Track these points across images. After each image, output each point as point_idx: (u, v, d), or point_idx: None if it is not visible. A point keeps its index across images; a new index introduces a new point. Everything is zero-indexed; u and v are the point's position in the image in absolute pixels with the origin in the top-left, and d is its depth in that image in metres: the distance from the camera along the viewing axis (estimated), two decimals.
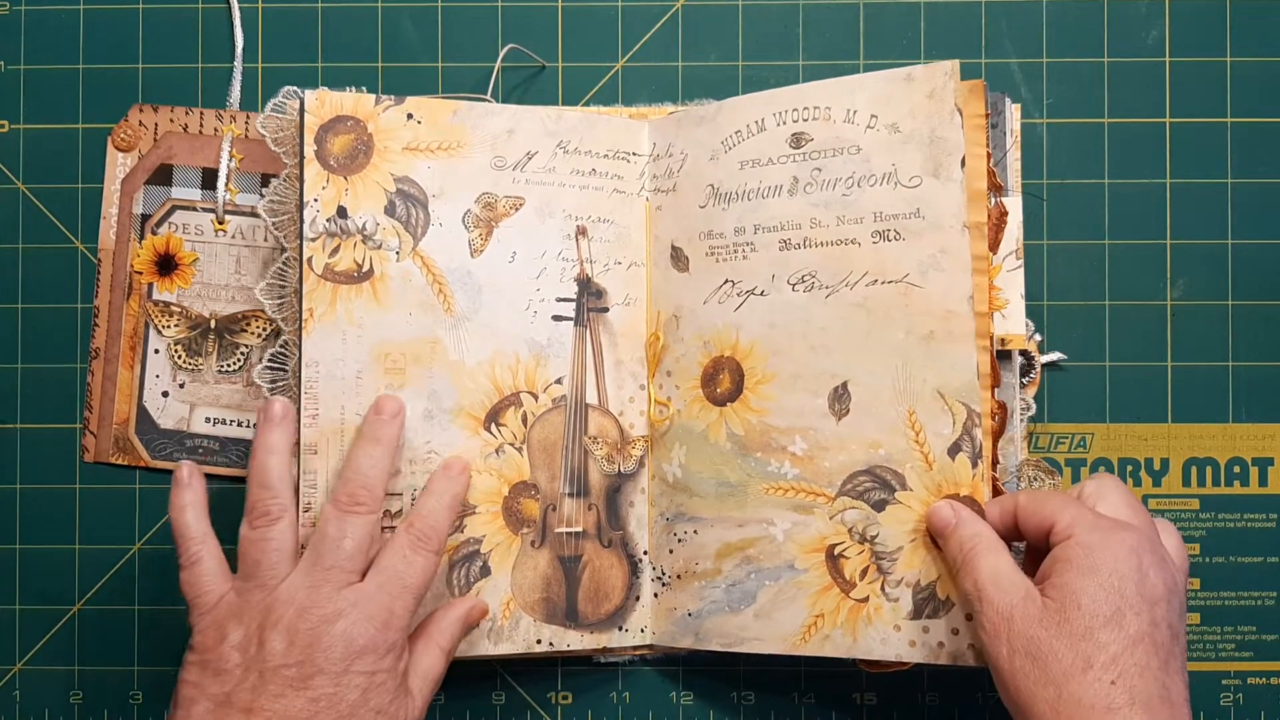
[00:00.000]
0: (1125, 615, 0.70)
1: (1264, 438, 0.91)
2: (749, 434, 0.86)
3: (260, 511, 0.79)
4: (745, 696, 0.92)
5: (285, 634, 0.74)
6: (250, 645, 0.74)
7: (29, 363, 0.92)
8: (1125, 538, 0.73)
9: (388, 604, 0.77)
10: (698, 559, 0.87)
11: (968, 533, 0.78)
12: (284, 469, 0.80)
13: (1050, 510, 0.76)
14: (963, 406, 0.81)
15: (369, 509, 0.79)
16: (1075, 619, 0.70)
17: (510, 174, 0.87)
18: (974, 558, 0.76)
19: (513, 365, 0.87)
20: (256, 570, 0.77)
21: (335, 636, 0.74)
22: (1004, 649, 0.72)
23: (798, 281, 0.84)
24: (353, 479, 0.80)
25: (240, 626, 0.75)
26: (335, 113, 0.85)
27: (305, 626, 0.74)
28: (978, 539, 0.77)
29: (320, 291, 0.83)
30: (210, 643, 0.76)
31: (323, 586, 0.76)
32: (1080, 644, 0.70)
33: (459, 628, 0.82)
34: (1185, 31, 0.92)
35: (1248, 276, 0.91)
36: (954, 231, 0.81)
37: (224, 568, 0.79)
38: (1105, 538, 0.73)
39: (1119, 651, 0.69)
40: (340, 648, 0.74)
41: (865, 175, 0.83)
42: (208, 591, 0.78)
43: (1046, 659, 0.70)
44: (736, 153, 0.86)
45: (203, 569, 0.78)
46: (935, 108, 0.81)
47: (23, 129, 0.93)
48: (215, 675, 0.74)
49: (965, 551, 0.77)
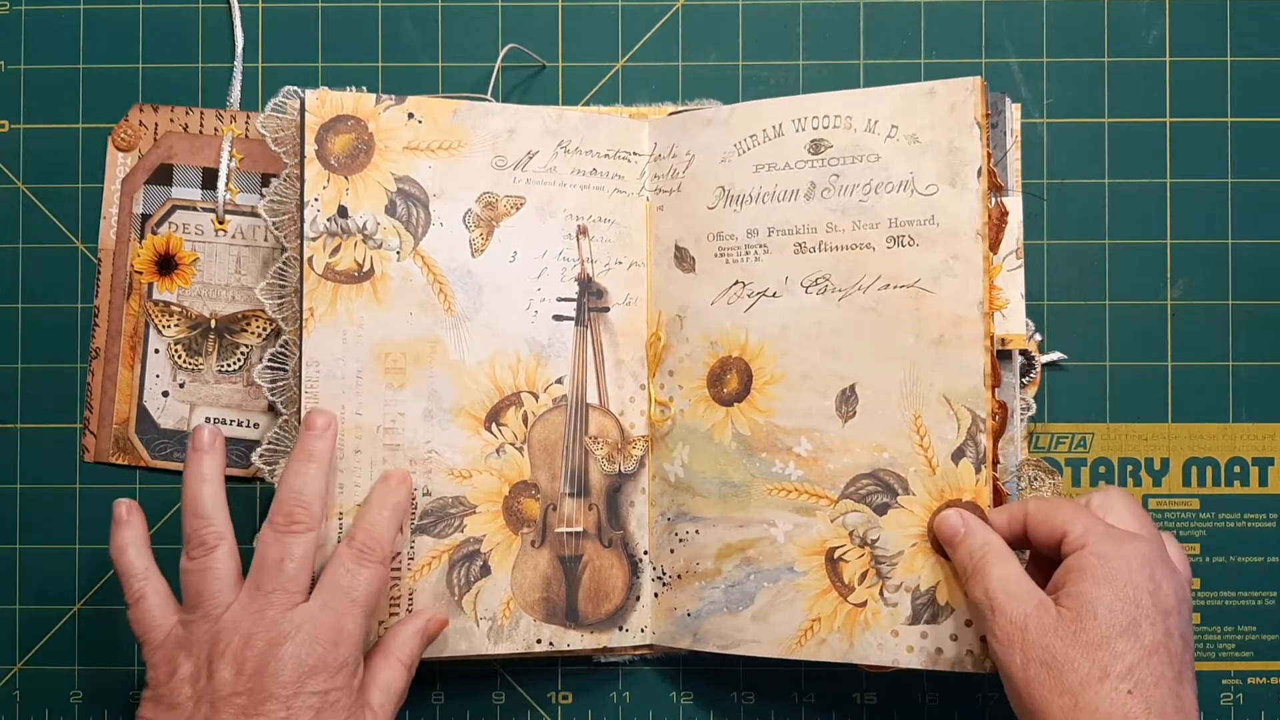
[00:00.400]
0: (1141, 625, 0.70)
1: (1264, 438, 0.91)
2: (755, 434, 0.86)
3: (197, 541, 0.79)
4: (745, 696, 0.92)
5: (233, 662, 0.74)
6: (200, 677, 0.74)
7: (29, 363, 0.92)
8: (1139, 548, 0.73)
9: (335, 621, 0.76)
10: (698, 559, 0.87)
11: (977, 541, 0.78)
12: (217, 496, 0.80)
13: (1062, 519, 0.76)
14: (968, 412, 0.81)
15: (307, 527, 0.78)
16: (1091, 628, 0.70)
17: (511, 173, 0.87)
18: (984, 566, 0.76)
19: (513, 365, 0.87)
20: (199, 601, 0.77)
21: (284, 660, 0.74)
22: (1018, 657, 0.72)
23: (811, 284, 0.84)
24: (287, 498, 0.79)
25: (189, 659, 0.75)
26: (336, 112, 0.85)
27: (252, 654, 0.74)
28: (988, 547, 0.77)
29: (321, 291, 0.83)
30: (162, 677, 0.76)
31: (267, 611, 0.76)
32: (1097, 653, 0.70)
33: (418, 641, 0.82)
34: (1185, 31, 0.92)
35: (1248, 276, 0.91)
36: (967, 238, 0.81)
37: (170, 601, 0.79)
38: (1119, 548, 0.73)
39: (1135, 661, 0.69)
40: (289, 670, 0.73)
41: (883, 182, 0.83)
42: (155, 626, 0.78)
43: (1063, 668, 0.70)
44: (751, 156, 0.86)
45: (148, 604, 0.79)
46: (956, 120, 0.82)
47: (23, 129, 0.93)
48: (169, 709, 0.75)
49: (975, 560, 0.77)
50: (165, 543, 0.91)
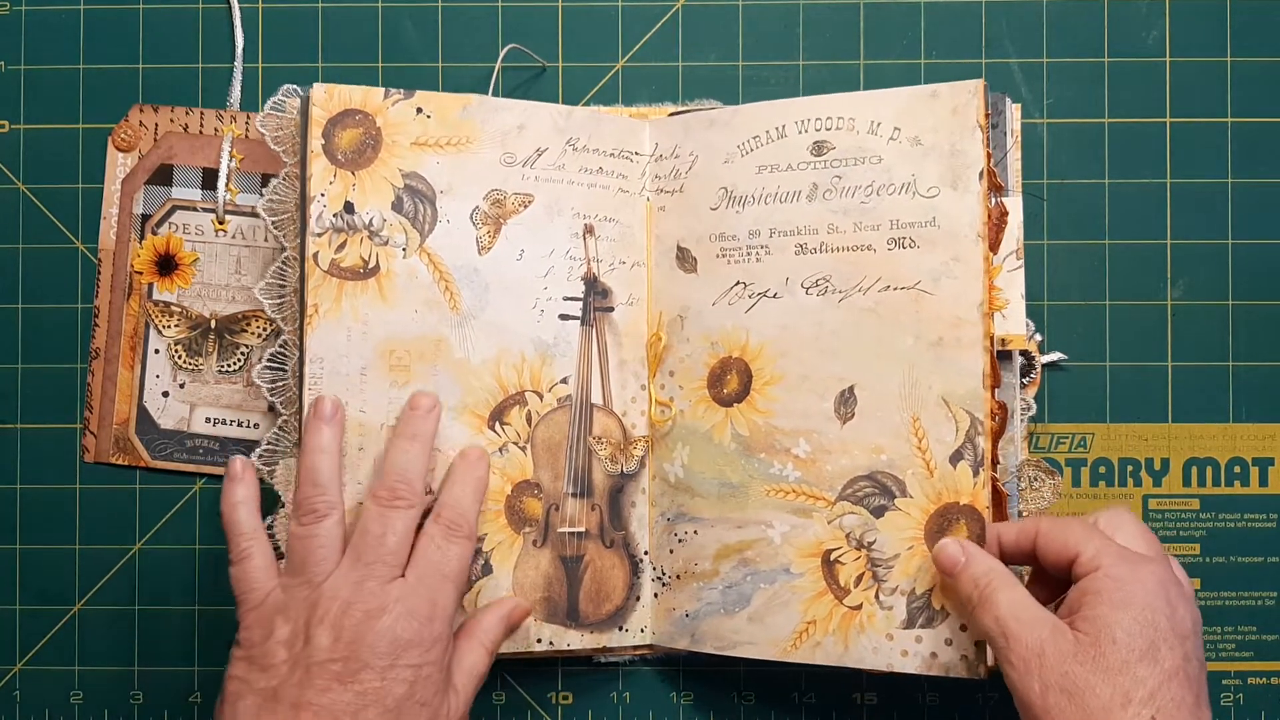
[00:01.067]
0: (1160, 649, 0.70)
1: (1264, 438, 0.91)
2: (754, 435, 0.86)
3: (308, 509, 0.79)
4: (745, 697, 0.92)
5: (331, 629, 0.74)
6: (297, 641, 0.75)
7: (29, 363, 0.92)
8: (1154, 571, 0.73)
9: (430, 596, 0.77)
10: (697, 560, 0.87)
11: (980, 569, 0.77)
12: (333, 467, 0.81)
13: (1074, 540, 0.75)
14: (966, 414, 0.81)
15: (409, 503, 0.79)
16: (1111, 653, 0.70)
17: (520, 170, 0.87)
18: (991, 594, 0.75)
19: (518, 364, 0.86)
20: (303, 567, 0.78)
21: (381, 631, 0.74)
22: (1035, 685, 0.71)
23: (811, 285, 0.84)
24: (392, 474, 0.80)
25: (287, 622, 0.76)
26: (344, 106, 0.84)
27: (350, 622, 0.74)
28: (992, 574, 0.76)
29: (325, 287, 0.83)
30: (257, 638, 0.76)
31: (367, 582, 0.76)
32: (1118, 679, 0.69)
33: (502, 626, 0.83)
34: (1185, 31, 0.92)
35: (1248, 276, 0.92)
36: (968, 241, 0.81)
37: (272, 564, 0.80)
38: (1134, 570, 0.72)
39: (1156, 686, 0.69)
40: (386, 642, 0.74)
41: (885, 184, 0.83)
42: (256, 588, 0.78)
43: (1084, 694, 0.69)
44: (754, 157, 0.86)
45: (252, 565, 0.79)
46: (958, 123, 0.82)
47: (23, 129, 0.93)
48: (262, 670, 0.75)
49: (981, 588, 0.76)
50: (170, 542, 0.91)
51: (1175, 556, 0.79)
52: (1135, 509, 0.91)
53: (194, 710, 0.92)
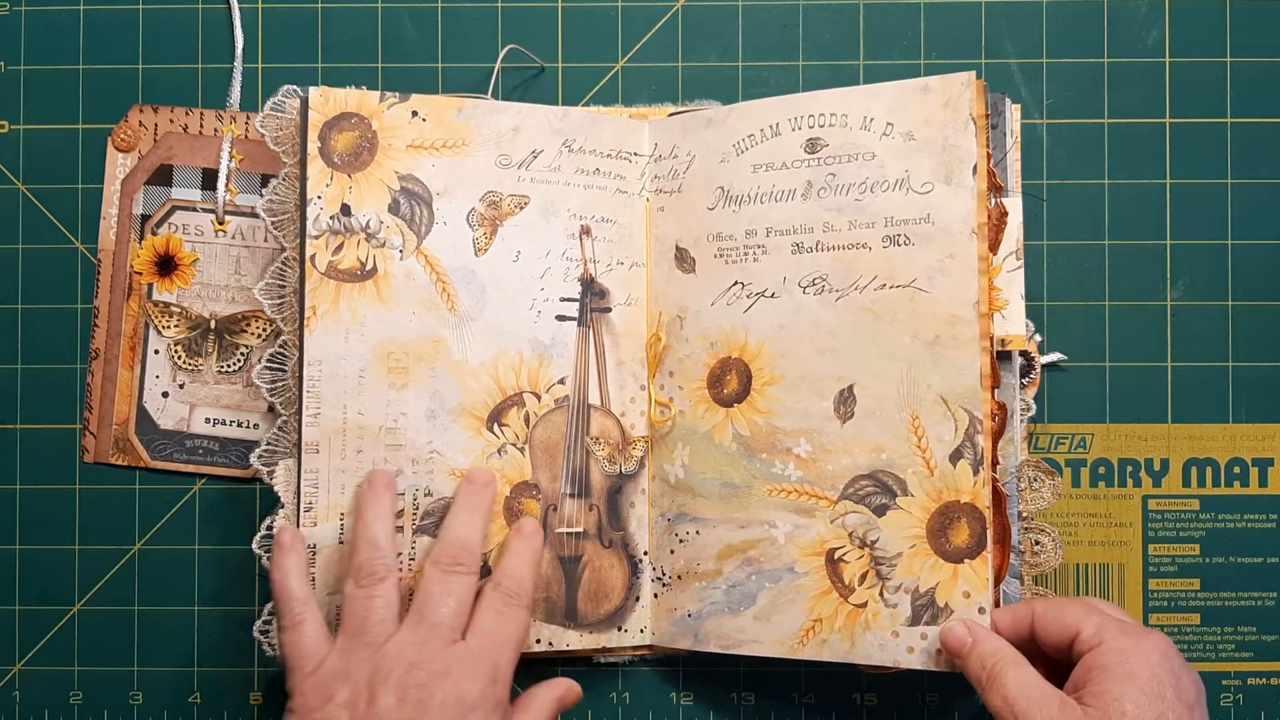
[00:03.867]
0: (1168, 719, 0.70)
1: (1264, 438, 0.91)
2: (755, 435, 0.86)
3: (368, 570, 0.79)
4: (745, 697, 0.92)
5: (396, 690, 0.74)
6: (359, 702, 0.74)
7: (29, 363, 0.92)
8: (1157, 642, 0.73)
9: (493, 659, 0.78)
10: (699, 560, 0.87)
11: (988, 649, 0.77)
12: (390, 532, 0.81)
13: (1074, 618, 0.76)
14: (965, 413, 0.81)
15: (469, 570, 0.80)
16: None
17: (515, 172, 0.87)
18: (999, 674, 0.75)
19: (516, 365, 0.87)
20: (364, 628, 0.78)
21: (448, 692, 0.75)
22: None
23: (808, 284, 0.84)
24: (453, 543, 0.81)
25: (347, 685, 0.75)
26: (340, 109, 0.84)
27: (415, 682, 0.75)
28: (999, 654, 0.77)
29: (323, 289, 0.83)
30: (315, 703, 0.76)
31: (430, 643, 0.77)
32: None
33: (555, 706, 0.83)
34: (1185, 31, 0.92)
35: (1248, 276, 0.91)
36: (962, 237, 0.81)
37: (325, 630, 0.80)
38: (1138, 643, 0.73)
39: None
40: (453, 704, 0.75)
41: (878, 181, 0.83)
42: (311, 653, 0.78)
43: None
44: (749, 156, 0.86)
45: (306, 630, 0.79)
46: (950, 117, 0.82)
47: (23, 129, 0.93)
48: None
49: (989, 668, 0.76)
50: (168, 543, 0.91)
51: (1175, 557, 0.80)
52: (1135, 509, 0.91)
53: (194, 710, 0.92)
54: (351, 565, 0.80)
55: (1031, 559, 0.86)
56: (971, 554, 0.81)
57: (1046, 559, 0.87)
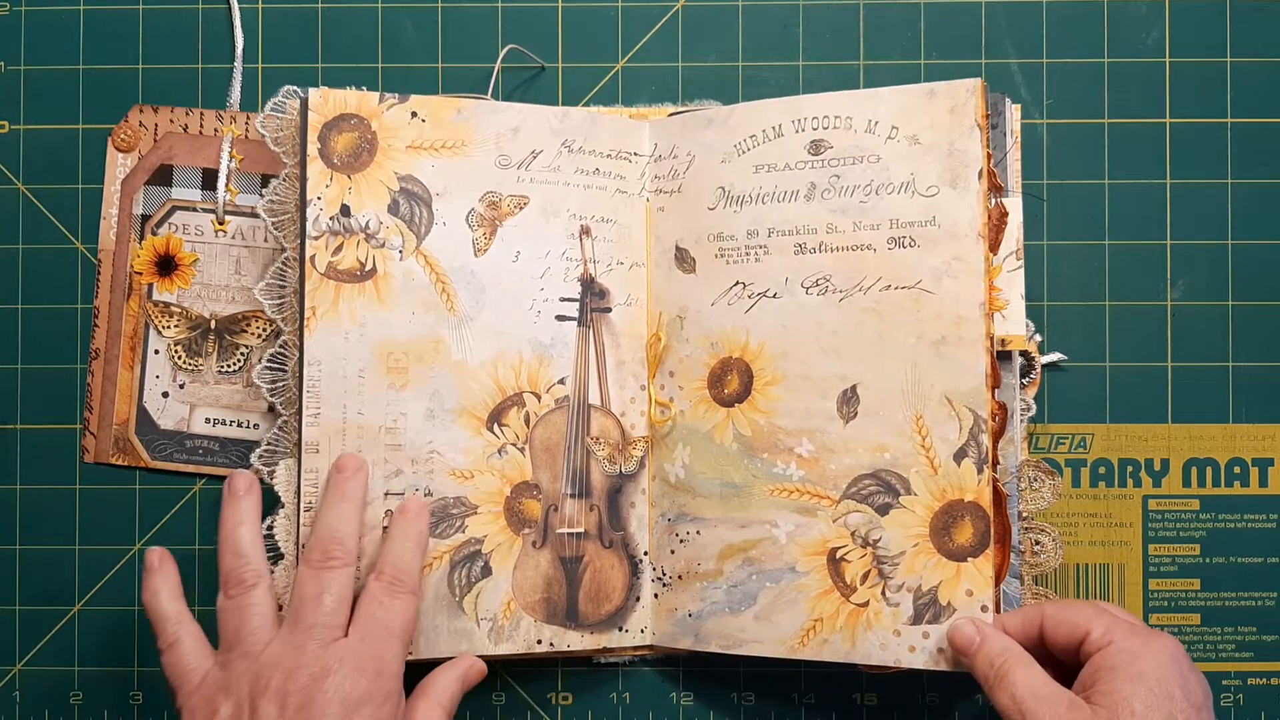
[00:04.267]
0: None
1: (1264, 438, 0.91)
2: (756, 435, 0.86)
3: (236, 580, 0.79)
4: (745, 697, 0.92)
5: (276, 698, 0.73)
6: (242, 715, 0.74)
7: (29, 363, 0.92)
8: (1165, 643, 0.73)
9: (376, 653, 0.76)
10: (700, 560, 0.87)
11: (996, 649, 0.78)
12: (254, 538, 0.81)
13: (1083, 619, 0.76)
14: (969, 412, 0.81)
15: (343, 563, 0.79)
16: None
17: (515, 173, 0.87)
18: (1007, 673, 0.76)
19: (516, 365, 0.87)
20: (239, 638, 0.77)
21: (329, 694, 0.73)
22: None
23: (811, 285, 0.85)
24: (324, 536, 0.80)
25: (230, 698, 0.75)
26: (339, 110, 0.85)
27: (295, 688, 0.73)
28: (1007, 654, 0.77)
29: (323, 290, 0.83)
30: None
31: (308, 645, 0.75)
32: None
33: (457, 686, 0.81)
34: (1185, 31, 0.92)
35: (1248, 276, 0.91)
36: (968, 240, 0.81)
37: (204, 645, 0.79)
38: (1147, 644, 0.73)
39: None
40: (336, 704, 0.73)
41: (884, 183, 0.83)
42: (190, 670, 0.77)
43: None
44: (751, 156, 0.86)
45: (183, 648, 0.78)
46: (956, 121, 0.82)
47: (23, 129, 0.93)
48: None
49: (997, 668, 0.76)
50: (168, 543, 0.91)
51: (1175, 557, 0.80)
52: (1135, 509, 0.91)
53: None
54: (219, 576, 0.79)
55: (1031, 559, 0.87)
56: (974, 552, 0.81)
57: (1047, 559, 0.87)
